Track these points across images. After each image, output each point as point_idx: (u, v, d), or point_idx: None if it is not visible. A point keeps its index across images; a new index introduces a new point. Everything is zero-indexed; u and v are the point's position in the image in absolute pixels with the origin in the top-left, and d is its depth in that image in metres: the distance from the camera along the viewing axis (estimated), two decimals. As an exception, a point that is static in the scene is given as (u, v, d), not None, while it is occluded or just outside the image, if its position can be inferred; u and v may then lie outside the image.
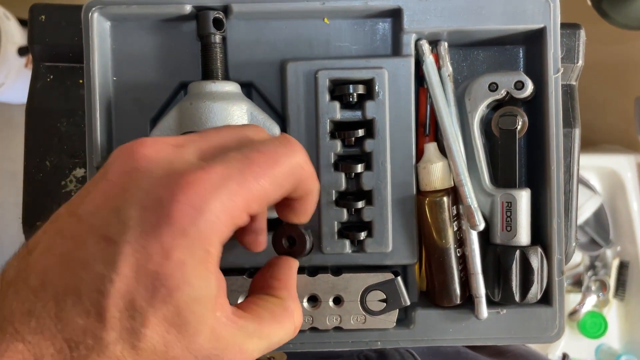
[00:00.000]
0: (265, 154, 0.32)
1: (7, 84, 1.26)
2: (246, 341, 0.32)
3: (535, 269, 0.46)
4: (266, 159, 0.32)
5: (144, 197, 0.29)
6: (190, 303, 0.29)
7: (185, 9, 0.46)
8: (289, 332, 0.35)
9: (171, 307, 0.28)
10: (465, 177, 0.47)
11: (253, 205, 0.31)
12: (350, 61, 0.47)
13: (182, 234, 0.28)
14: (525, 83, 0.47)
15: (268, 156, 0.32)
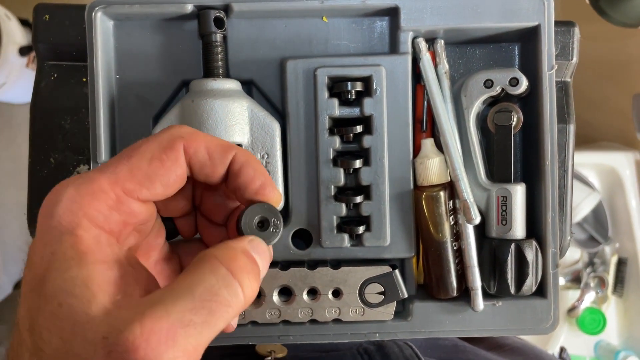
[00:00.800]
0: (135, 143, 0.33)
1: (9, 83, 1.27)
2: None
3: (530, 262, 0.47)
4: (134, 145, 0.33)
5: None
6: None
7: (187, 8, 0.47)
8: (219, 283, 0.30)
9: None
10: (461, 172, 0.48)
11: (124, 184, 0.31)
12: (349, 59, 0.48)
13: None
14: (520, 80, 0.47)
15: (138, 143, 0.33)
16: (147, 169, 0.32)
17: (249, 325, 0.49)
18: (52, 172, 0.53)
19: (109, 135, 0.48)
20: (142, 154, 0.32)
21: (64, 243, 0.29)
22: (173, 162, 0.33)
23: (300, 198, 0.48)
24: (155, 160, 0.32)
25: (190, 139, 0.33)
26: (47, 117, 0.53)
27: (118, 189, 0.31)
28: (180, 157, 0.33)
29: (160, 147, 0.32)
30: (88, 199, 0.30)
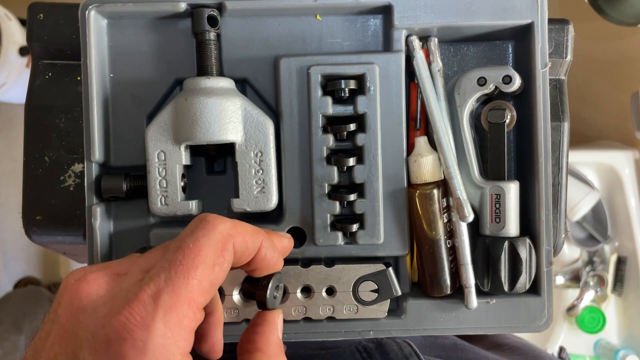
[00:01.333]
0: (184, 248, 0.33)
1: (9, 83, 1.27)
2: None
3: (524, 260, 0.47)
4: (188, 252, 0.33)
5: (93, 340, 0.31)
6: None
7: (180, 6, 0.47)
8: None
9: None
10: (455, 170, 0.48)
11: (198, 299, 0.33)
12: (342, 57, 0.48)
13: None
14: (513, 77, 0.47)
15: (188, 248, 0.33)
16: (212, 277, 0.33)
17: (242, 323, 0.49)
18: (46, 170, 0.53)
19: (103, 133, 0.48)
20: (206, 262, 0.33)
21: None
22: (229, 262, 0.35)
23: (294, 196, 0.48)
24: (217, 266, 0.34)
25: (236, 234, 0.35)
26: (41, 116, 0.53)
27: (195, 308, 0.33)
28: (232, 257, 0.35)
29: (217, 251, 0.34)
30: (177, 329, 0.31)
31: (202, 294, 0.33)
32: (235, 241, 0.35)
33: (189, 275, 0.32)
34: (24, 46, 1.23)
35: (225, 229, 0.35)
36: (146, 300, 0.31)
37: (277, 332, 0.39)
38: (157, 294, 0.32)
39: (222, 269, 0.34)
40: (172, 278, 0.32)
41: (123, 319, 0.31)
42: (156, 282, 0.32)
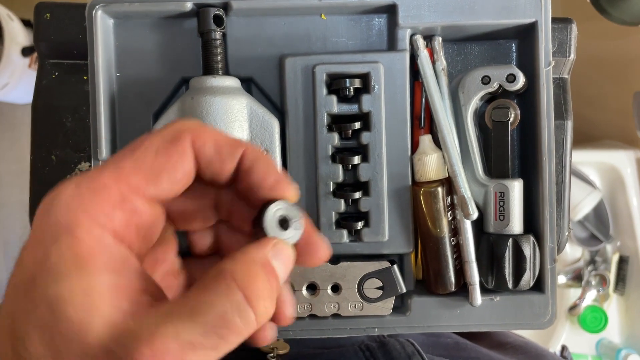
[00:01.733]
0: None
1: (11, 84, 1.27)
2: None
3: (528, 257, 0.47)
4: (133, 142, 0.31)
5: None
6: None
7: (186, 6, 0.47)
8: (230, 306, 0.27)
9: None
10: (459, 168, 0.48)
11: (129, 177, 0.29)
12: (347, 56, 0.48)
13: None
14: (517, 76, 0.48)
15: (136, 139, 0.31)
16: (153, 163, 0.29)
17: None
18: (53, 169, 0.53)
19: (110, 132, 0.48)
20: (147, 147, 0.30)
21: (61, 244, 0.27)
22: (180, 155, 0.30)
23: (300, 194, 0.49)
24: (161, 153, 0.30)
25: (197, 132, 0.31)
26: (48, 115, 0.54)
27: (122, 185, 0.29)
28: (187, 151, 0.30)
29: (166, 140, 0.30)
30: (89, 195, 0.28)
31: (135, 172, 0.29)
32: (197, 138, 0.31)
33: (123, 155, 0.29)
34: (27, 47, 1.23)
35: (184, 124, 0.31)
36: (70, 178, 0.29)
37: (262, 250, 0.30)
38: (83, 172, 0.30)
39: (170, 160, 0.30)
40: (110, 159, 0.30)
41: (44, 204, 0.29)
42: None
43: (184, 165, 0.30)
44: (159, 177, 0.30)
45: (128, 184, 0.29)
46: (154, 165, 0.29)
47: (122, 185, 0.29)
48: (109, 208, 0.28)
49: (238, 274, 0.28)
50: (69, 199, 0.28)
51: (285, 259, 0.31)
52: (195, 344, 0.26)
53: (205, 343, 0.26)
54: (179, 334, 0.25)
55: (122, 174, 0.29)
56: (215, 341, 0.26)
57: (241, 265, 0.28)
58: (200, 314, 0.26)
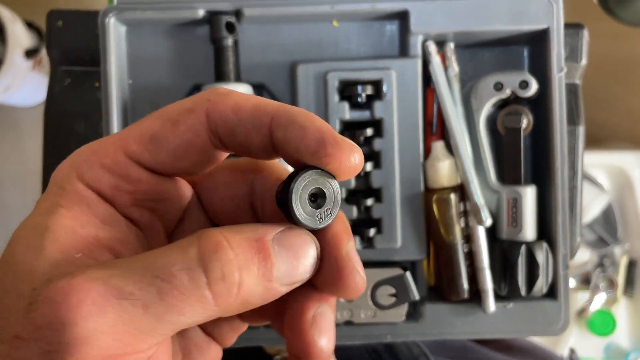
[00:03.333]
0: None
1: (14, 86, 1.27)
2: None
3: (541, 264, 0.47)
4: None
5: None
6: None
7: (199, 13, 0.47)
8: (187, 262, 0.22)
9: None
10: (471, 174, 0.48)
11: (127, 141, 0.26)
12: (359, 62, 0.48)
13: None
14: (530, 82, 0.48)
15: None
16: (155, 132, 0.26)
17: (261, 327, 0.49)
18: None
19: (122, 139, 0.49)
20: (160, 116, 0.27)
21: (48, 195, 0.26)
22: (187, 127, 0.26)
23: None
24: (168, 122, 0.26)
25: (217, 102, 0.26)
26: (60, 122, 0.54)
27: (119, 150, 0.26)
28: (197, 124, 0.26)
29: (180, 110, 0.26)
30: (86, 156, 0.26)
31: (136, 140, 0.26)
32: (215, 108, 0.26)
33: (136, 124, 0.27)
34: (30, 49, 1.23)
35: (208, 94, 0.27)
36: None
37: (269, 231, 0.24)
38: (98, 140, 0.27)
39: (174, 130, 0.26)
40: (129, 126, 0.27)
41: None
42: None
43: (186, 136, 0.26)
44: (157, 146, 0.26)
45: (125, 149, 0.26)
46: (156, 133, 0.26)
47: (119, 151, 0.26)
48: (99, 170, 0.26)
49: (213, 235, 0.23)
50: (70, 161, 0.26)
51: (296, 249, 0.24)
52: (123, 291, 0.21)
53: (136, 294, 0.22)
54: (109, 278, 0.22)
55: (123, 140, 0.26)
56: (149, 295, 0.22)
57: (229, 232, 0.23)
58: (143, 263, 0.22)
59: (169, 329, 0.22)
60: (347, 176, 0.26)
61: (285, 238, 0.24)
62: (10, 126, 1.57)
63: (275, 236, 0.24)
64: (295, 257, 0.24)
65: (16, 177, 1.58)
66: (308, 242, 0.25)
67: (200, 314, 0.22)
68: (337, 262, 0.26)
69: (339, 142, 0.25)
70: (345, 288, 0.26)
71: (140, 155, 0.26)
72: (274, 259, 0.23)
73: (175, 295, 0.22)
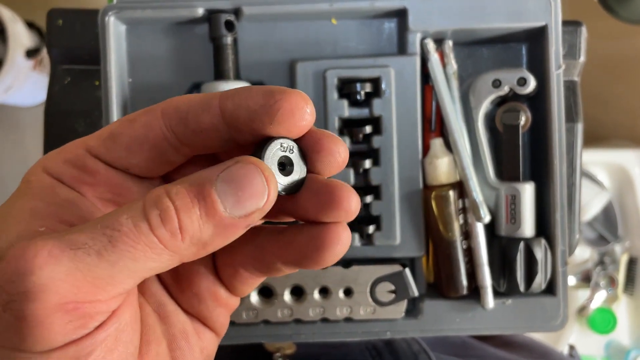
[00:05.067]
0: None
1: (15, 86, 1.27)
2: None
3: (539, 260, 0.47)
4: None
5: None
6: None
7: (198, 12, 0.48)
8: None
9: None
10: (470, 171, 0.48)
11: (89, 142, 0.28)
12: (358, 60, 0.49)
13: None
14: (528, 79, 0.48)
15: None
16: (114, 129, 0.27)
17: (260, 324, 0.50)
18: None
19: (122, 137, 0.49)
20: (121, 119, 0.28)
21: (17, 190, 0.27)
22: (142, 123, 0.27)
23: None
24: (126, 121, 0.27)
25: (173, 99, 0.27)
26: (60, 120, 0.54)
27: (80, 146, 0.28)
28: (152, 119, 0.27)
29: (140, 111, 0.28)
30: (50, 155, 0.28)
31: (96, 138, 0.27)
32: (168, 104, 0.27)
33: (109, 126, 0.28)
34: (30, 49, 1.24)
35: (173, 98, 0.27)
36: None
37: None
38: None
39: (132, 126, 0.27)
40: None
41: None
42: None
43: (143, 132, 0.27)
44: (114, 142, 0.27)
45: (85, 145, 0.28)
46: (114, 131, 0.27)
47: (79, 147, 0.28)
48: (61, 163, 0.27)
49: (154, 191, 0.24)
50: (41, 158, 0.28)
51: (241, 181, 0.24)
52: (77, 242, 0.23)
53: (89, 243, 0.23)
54: (64, 235, 0.23)
55: (85, 139, 0.28)
56: (102, 244, 0.23)
57: (168, 185, 0.24)
58: (94, 220, 0.24)
59: (128, 276, 0.24)
60: (305, 127, 0.26)
61: (229, 173, 0.24)
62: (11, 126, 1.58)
63: (221, 175, 0.24)
64: (240, 188, 0.24)
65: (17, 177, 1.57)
66: (251, 170, 0.24)
67: (154, 259, 0.24)
68: (328, 184, 0.27)
69: (285, 89, 0.26)
70: (341, 207, 0.27)
71: (97, 150, 0.27)
72: (215, 196, 0.24)
73: (125, 241, 0.23)
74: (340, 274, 0.48)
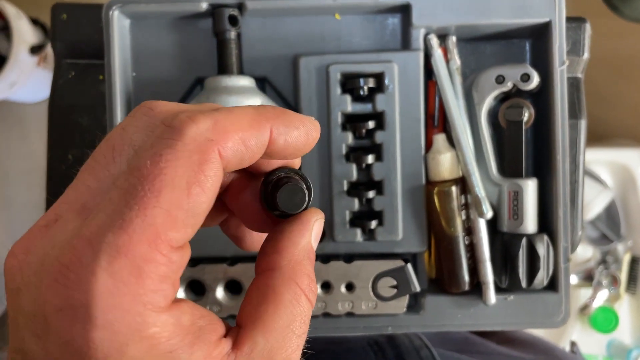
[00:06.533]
0: (141, 168, 0.23)
1: (20, 82, 1.27)
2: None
3: (542, 256, 0.47)
4: (146, 172, 0.23)
5: (33, 323, 0.23)
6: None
7: (202, 6, 0.48)
8: (302, 307, 0.27)
9: None
10: (473, 167, 0.48)
11: (168, 235, 0.23)
12: (361, 55, 0.49)
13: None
14: (531, 75, 0.48)
15: (146, 167, 0.23)
16: (189, 204, 0.23)
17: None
18: (70, 168, 0.54)
19: (126, 131, 0.49)
20: (174, 182, 0.23)
21: (136, 356, 0.22)
22: (213, 180, 0.24)
23: (314, 193, 0.49)
24: (194, 186, 0.23)
25: (222, 138, 0.24)
26: (64, 114, 0.54)
27: (164, 247, 0.23)
28: (219, 170, 0.24)
29: (193, 167, 0.23)
30: (134, 280, 0.22)
31: (173, 226, 0.22)
32: (223, 147, 0.24)
33: (148, 204, 0.22)
34: (35, 45, 1.24)
35: (201, 134, 0.24)
36: (82, 250, 0.22)
37: (306, 235, 0.28)
38: (97, 236, 0.22)
39: (205, 189, 0.23)
40: (121, 211, 0.22)
41: (56, 286, 0.22)
42: (97, 222, 0.22)
43: (218, 187, 0.25)
44: (197, 217, 0.24)
45: (168, 242, 0.23)
46: (190, 206, 0.23)
47: (164, 248, 0.23)
48: (161, 283, 0.23)
49: (293, 271, 0.28)
50: (112, 299, 0.22)
51: (319, 232, 0.30)
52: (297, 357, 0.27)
53: (293, 357, 0.27)
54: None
55: (158, 234, 0.22)
56: (296, 342, 0.27)
57: (293, 265, 0.28)
58: (289, 334, 0.27)
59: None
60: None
61: (317, 233, 0.30)
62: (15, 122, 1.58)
63: (314, 237, 0.30)
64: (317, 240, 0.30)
65: (22, 173, 1.58)
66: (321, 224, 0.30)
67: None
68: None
69: (314, 125, 0.29)
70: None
71: (182, 237, 0.24)
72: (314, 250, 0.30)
73: (305, 327, 0.28)
74: (342, 268, 0.49)
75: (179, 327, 0.23)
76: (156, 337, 0.22)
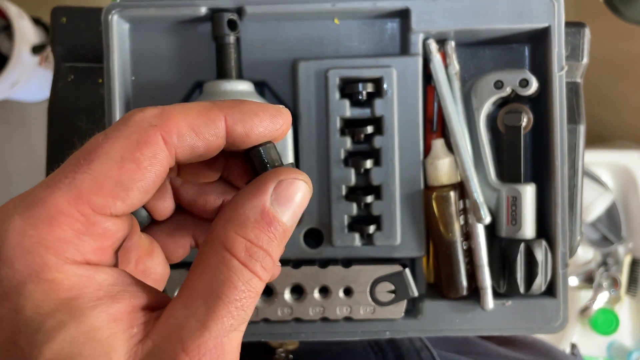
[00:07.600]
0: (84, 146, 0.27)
1: (21, 82, 1.28)
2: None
3: (540, 262, 0.47)
4: (86, 146, 0.26)
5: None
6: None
7: (201, 11, 0.48)
8: (231, 273, 0.25)
9: None
10: (471, 172, 0.48)
11: (90, 198, 0.25)
12: (360, 60, 0.49)
13: None
14: (530, 81, 0.48)
15: (89, 143, 0.26)
16: (119, 175, 0.25)
17: (261, 322, 0.50)
18: (69, 171, 0.54)
19: (125, 135, 0.49)
20: (108, 155, 0.25)
21: (33, 295, 0.23)
22: (151, 160, 0.25)
23: (312, 198, 0.49)
24: (128, 161, 0.25)
25: (165, 124, 0.26)
26: (63, 118, 0.54)
27: (84, 207, 0.24)
28: (159, 152, 0.26)
29: (131, 144, 0.25)
30: (44, 227, 0.24)
31: (98, 192, 0.24)
32: (168, 131, 0.26)
33: (76, 168, 0.24)
34: (36, 45, 1.24)
35: (145, 119, 0.26)
36: (13, 202, 0.25)
37: (257, 197, 0.26)
38: (28, 193, 0.25)
39: (141, 166, 0.25)
40: (56, 174, 0.25)
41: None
42: (39, 184, 0.25)
43: (157, 170, 0.26)
44: (128, 190, 0.25)
45: (91, 204, 0.25)
46: (121, 177, 0.25)
47: (84, 207, 0.24)
48: (75, 237, 0.24)
49: (228, 240, 0.25)
50: (19, 238, 0.24)
51: (291, 198, 0.27)
52: (225, 328, 0.24)
53: (234, 323, 0.25)
54: (209, 328, 0.24)
55: (81, 194, 0.24)
56: (241, 316, 0.25)
57: (229, 231, 0.25)
58: (215, 297, 0.24)
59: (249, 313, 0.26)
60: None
61: (280, 196, 0.27)
62: (17, 121, 1.58)
63: (270, 202, 0.27)
64: (295, 207, 0.28)
65: (23, 172, 1.58)
66: (300, 187, 0.28)
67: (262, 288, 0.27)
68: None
69: (282, 111, 0.29)
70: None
71: (111, 207, 0.25)
72: (279, 219, 0.27)
73: (251, 300, 0.26)
74: (340, 273, 0.49)
75: (88, 281, 0.24)
76: (56, 282, 0.23)
